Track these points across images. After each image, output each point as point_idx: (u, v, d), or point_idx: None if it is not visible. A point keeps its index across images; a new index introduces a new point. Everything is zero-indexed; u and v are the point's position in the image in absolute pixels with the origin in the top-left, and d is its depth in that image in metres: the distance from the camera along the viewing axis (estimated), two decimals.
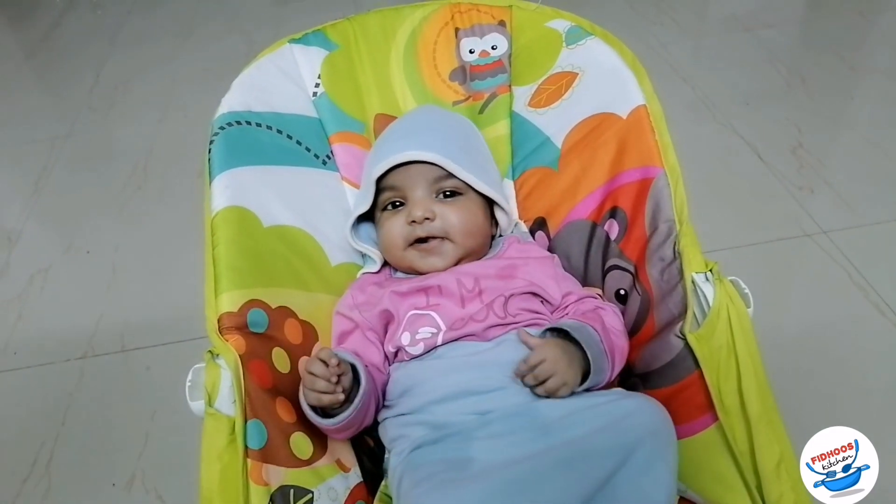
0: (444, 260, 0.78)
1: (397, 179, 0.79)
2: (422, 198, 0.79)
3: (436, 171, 0.79)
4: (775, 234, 1.33)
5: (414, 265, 0.79)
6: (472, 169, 0.80)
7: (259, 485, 0.60)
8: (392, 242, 0.80)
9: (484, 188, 0.80)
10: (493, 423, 0.65)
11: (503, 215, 0.84)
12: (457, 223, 0.78)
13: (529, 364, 0.67)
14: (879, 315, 1.16)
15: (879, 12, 2.05)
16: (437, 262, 0.78)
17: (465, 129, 0.88)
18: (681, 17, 2.08)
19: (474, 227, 0.80)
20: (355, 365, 0.68)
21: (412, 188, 0.79)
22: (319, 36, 0.93)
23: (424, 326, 0.73)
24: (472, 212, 0.80)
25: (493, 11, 0.95)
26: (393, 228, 0.79)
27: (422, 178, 0.79)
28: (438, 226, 0.78)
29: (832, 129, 1.63)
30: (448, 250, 0.78)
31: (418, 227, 0.77)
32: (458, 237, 0.78)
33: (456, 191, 0.80)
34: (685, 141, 0.92)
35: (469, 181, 0.79)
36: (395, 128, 0.87)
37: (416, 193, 0.79)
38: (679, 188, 0.76)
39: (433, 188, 0.79)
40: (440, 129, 0.85)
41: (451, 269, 0.78)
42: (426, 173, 0.79)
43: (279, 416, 0.65)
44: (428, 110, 0.92)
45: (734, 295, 0.67)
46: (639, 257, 0.78)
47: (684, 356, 0.69)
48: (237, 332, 0.66)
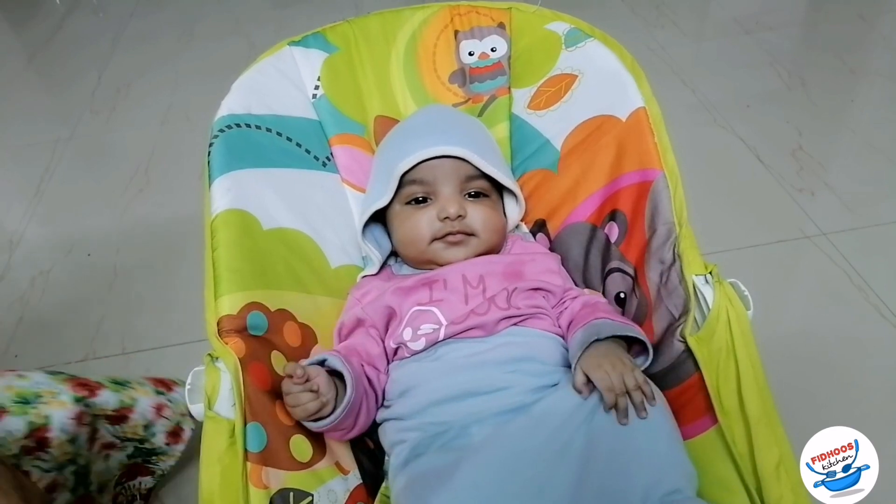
0: (467, 251, 0.79)
1: (426, 174, 0.80)
2: (452, 194, 0.79)
3: (466, 168, 0.80)
4: (775, 236, 1.33)
5: (435, 256, 0.80)
6: (498, 165, 0.82)
7: (259, 488, 0.60)
8: (417, 236, 0.80)
9: (508, 183, 0.83)
10: (489, 421, 0.65)
11: (516, 210, 0.86)
12: (485, 220, 0.80)
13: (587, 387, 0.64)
14: (879, 317, 1.16)
15: (880, 15, 2.05)
16: (458, 254, 0.79)
17: (481, 127, 0.90)
18: (681, 20, 2.08)
19: (499, 226, 0.82)
20: (342, 372, 0.68)
21: (443, 184, 0.80)
22: (319, 38, 0.93)
23: (426, 322, 0.73)
24: (496, 211, 0.83)
25: (493, 13, 0.96)
26: (420, 222, 0.79)
27: (454, 174, 0.80)
28: (468, 223, 0.79)
29: (832, 131, 1.63)
30: (473, 244, 0.80)
31: (450, 223, 0.78)
32: (484, 233, 0.80)
33: (482, 192, 0.82)
34: (685, 143, 0.92)
35: (497, 177, 0.81)
36: (414, 124, 0.87)
37: (446, 189, 0.79)
38: (678, 190, 0.76)
39: (463, 186, 0.80)
40: (462, 126, 0.86)
41: (459, 264, 0.78)
42: (458, 170, 0.80)
43: (278, 419, 0.65)
44: (443, 109, 0.93)
45: (734, 297, 0.67)
46: (639, 260, 0.78)
47: (684, 359, 0.69)
48: (237, 335, 0.66)
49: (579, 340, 0.68)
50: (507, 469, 0.60)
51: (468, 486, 0.60)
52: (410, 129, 0.86)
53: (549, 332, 0.74)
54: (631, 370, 0.65)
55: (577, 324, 0.71)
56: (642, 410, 0.64)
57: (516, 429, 0.63)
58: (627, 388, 0.64)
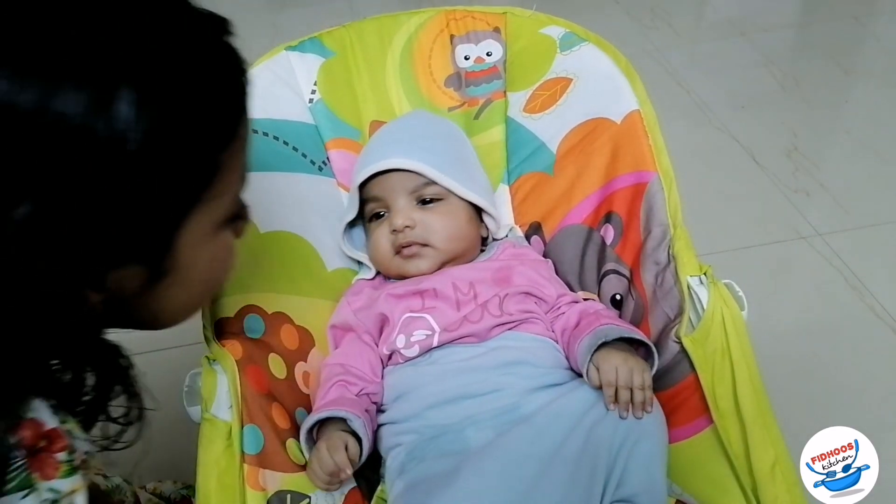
0: (427, 263, 0.79)
1: (379, 189, 0.80)
2: (403, 206, 0.79)
3: (416, 178, 0.79)
4: (771, 236, 1.34)
5: (401, 270, 0.80)
6: (456, 175, 0.80)
7: (256, 490, 0.60)
8: (381, 253, 0.80)
9: (467, 194, 0.81)
10: (485, 423, 0.66)
11: (491, 220, 0.85)
12: (439, 229, 0.79)
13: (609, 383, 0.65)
14: (874, 317, 1.16)
15: (873, 16, 2.06)
16: (420, 265, 0.79)
17: (451, 135, 0.88)
18: (676, 22, 2.08)
19: (457, 232, 0.80)
20: (359, 434, 0.66)
21: (394, 197, 0.79)
22: (316, 43, 0.93)
23: (419, 329, 0.74)
24: (455, 216, 0.80)
25: (488, 18, 0.96)
26: (380, 239, 0.80)
27: (401, 186, 0.79)
28: (419, 233, 0.78)
29: (827, 132, 1.64)
30: (429, 254, 0.79)
31: (399, 235, 0.78)
32: (439, 243, 0.79)
33: (436, 197, 0.80)
34: (680, 144, 0.92)
35: (451, 187, 0.79)
36: (380, 135, 0.88)
37: (397, 202, 0.79)
38: (672, 192, 0.76)
39: (414, 196, 0.79)
40: (424, 135, 0.85)
41: (446, 272, 0.78)
42: (406, 182, 0.79)
43: (275, 422, 0.65)
44: (415, 116, 0.92)
45: (728, 298, 0.68)
46: (634, 261, 0.79)
47: (680, 360, 0.69)
48: (234, 338, 0.67)
49: (587, 346, 0.68)
50: (507, 476, 0.61)
51: (469, 492, 0.60)
52: (374, 141, 0.87)
53: (541, 335, 0.74)
54: (641, 370, 0.66)
55: (582, 332, 0.71)
56: (639, 410, 0.65)
57: (517, 435, 0.64)
58: (633, 385, 0.64)
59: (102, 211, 0.37)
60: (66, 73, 0.35)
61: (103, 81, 0.35)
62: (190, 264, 0.45)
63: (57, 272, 0.37)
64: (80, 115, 0.35)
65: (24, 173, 0.35)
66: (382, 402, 0.74)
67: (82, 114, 0.35)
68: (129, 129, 0.36)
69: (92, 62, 0.35)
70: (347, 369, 0.73)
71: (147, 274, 0.43)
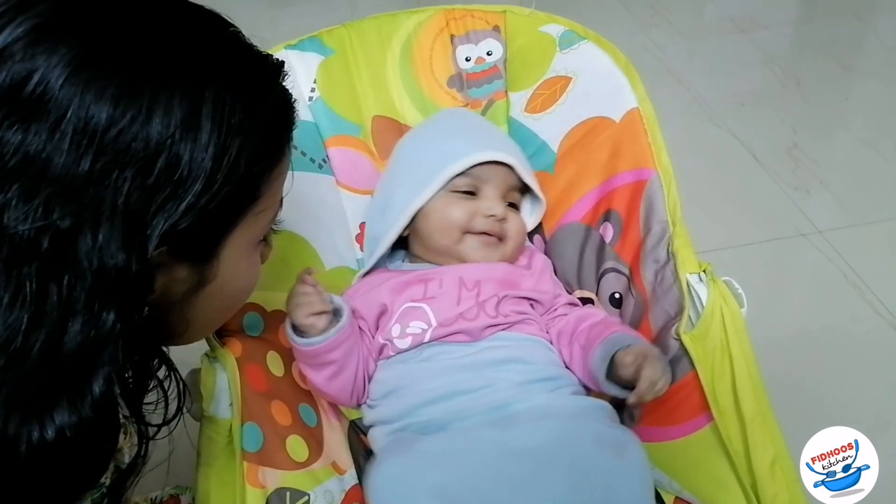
0: (497, 254, 0.80)
1: (479, 172, 0.80)
2: (498, 198, 0.80)
3: (512, 177, 0.82)
4: (771, 234, 1.34)
5: (463, 251, 0.79)
6: (532, 181, 0.84)
7: (255, 487, 0.60)
8: (450, 224, 0.79)
9: (540, 195, 0.85)
10: (474, 419, 0.67)
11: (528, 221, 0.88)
12: (514, 234, 0.81)
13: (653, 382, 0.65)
14: (875, 314, 1.16)
15: (874, 13, 2.06)
16: (490, 254, 0.79)
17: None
18: (676, 20, 2.08)
19: (523, 241, 0.84)
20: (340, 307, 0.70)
21: (490, 185, 0.80)
22: (315, 41, 0.93)
23: (415, 321, 0.74)
24: (522, 226, 0.84)
25: (488, 17, 0.96)
26: (454, 212, 0.79)
27: (503, 180, 0.81)
28: (506, 229, 0.80)
29: (827, 129, 1.64)
30: (502, 249, 0.80)
31: (492, 222, 0.79)
32: (512, 245, 0.81)
33: (516, 204, 0.84)
34: (680, 142, 0.92)
35: (535, 189, 0.84)
36: (452, 125, 0.88)
37: (491, 191, 0.80)
38: (672, 189, 0.76)
39: (506, 194, 0.82)
40: (503, 135, 0.89)
41: (459, 267, 0.79)
42: (507, 177, 0.81)
43: (275, 420, 0.66)
44: (475, 114, 0.94)
45: (727, 295, 0.68)
46: (634, 259, 0.79)
47: (680, 357, 0.69)
48: (233, 336, 0.67)
49: (600, 355, 0.69)
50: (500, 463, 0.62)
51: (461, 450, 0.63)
52: (451, 131, 0.87)
53: (535, 335, 0.75)
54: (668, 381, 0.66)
55: (594, 342, 0.71)
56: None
57: (517, 431, 0.64)
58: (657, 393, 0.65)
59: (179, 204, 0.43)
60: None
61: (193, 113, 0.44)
62: (228, 276, 0.51)
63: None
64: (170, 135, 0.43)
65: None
66: (371, 397, 0.74)
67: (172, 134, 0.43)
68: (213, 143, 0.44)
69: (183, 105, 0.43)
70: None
71: (194, 279, 0.49)
